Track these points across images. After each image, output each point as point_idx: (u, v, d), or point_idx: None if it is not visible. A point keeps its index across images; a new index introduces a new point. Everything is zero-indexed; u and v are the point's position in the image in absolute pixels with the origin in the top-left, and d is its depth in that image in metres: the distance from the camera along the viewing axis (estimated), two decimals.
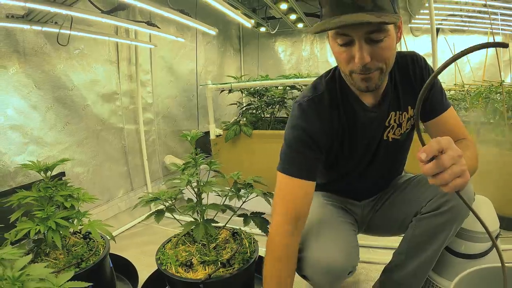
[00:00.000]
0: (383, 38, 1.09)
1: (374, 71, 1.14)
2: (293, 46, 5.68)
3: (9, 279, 0.87)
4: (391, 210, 1.55)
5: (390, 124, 1.39)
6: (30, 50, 2.41)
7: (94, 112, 2.98)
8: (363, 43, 1.08)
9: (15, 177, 2.32)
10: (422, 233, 1.37)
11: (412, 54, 1.37)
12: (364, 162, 1.47)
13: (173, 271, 1.46)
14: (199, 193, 1.50)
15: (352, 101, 1.34)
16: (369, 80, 1.16)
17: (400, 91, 1.36)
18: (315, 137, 1.28)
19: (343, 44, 1.12)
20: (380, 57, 1.12)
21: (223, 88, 3.56)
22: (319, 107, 1.30)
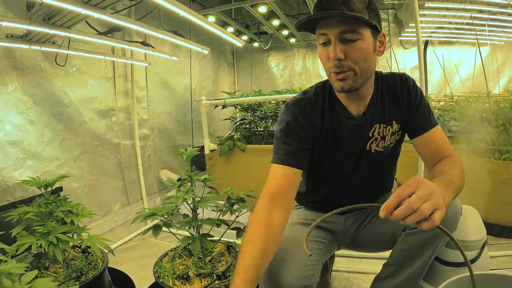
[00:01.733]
0: (356, 39, 1.20)
1: (347, 71, 1.24)
2: (285, 60, 5.77)
3: None
4: (380, 226, 1.57)
5: (374, 136, 1.45)
6: (28, 67, 2.47)
7: (91, 128, 3.03)
8: (337, 41, 1.20)
9: (13, 192, 2.36)
10: (411, 247, 1.41)
11: (401, 74, 1.45)
12: (346, 170, 1.52)
13: (171, 283, 1.50)
14: (195, 208, 1.55)
15: (338, 108, 1.42)
16: (343, 80, 1.25)
17: (386, 104, 1.43)
18: (297, 129, 1.38)
19: (323, 44, 1.25)
20: (352, 57, 1.22)
21: (217, 104, 3.61)
22: (304, 107, 1.41)
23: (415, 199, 0.89)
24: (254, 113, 3.85)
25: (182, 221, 1.53)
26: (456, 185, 1.15)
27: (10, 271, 0.96)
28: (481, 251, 1.54)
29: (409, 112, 1.43)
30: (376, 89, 1.43)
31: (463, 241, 1.51)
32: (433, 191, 0.92)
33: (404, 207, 0.89)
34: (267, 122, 3.81)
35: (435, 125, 1.42)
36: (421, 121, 1.42)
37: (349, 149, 1.47)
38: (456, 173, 1.22)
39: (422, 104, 1.42)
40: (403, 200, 0.91)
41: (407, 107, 1.42)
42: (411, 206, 0.89)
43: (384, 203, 0.92)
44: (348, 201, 1.62)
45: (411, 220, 0.90)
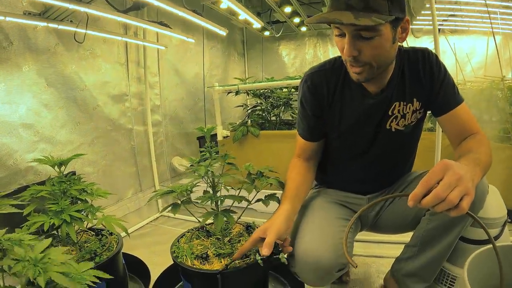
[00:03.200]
0: (373, 36, 1.15)
1: (363, 66, 1.23)
2: (296, 49, 5.70)
3: (31, 260, 0.87)
4: (402, 208, 1.54)
5: (394, 114, 1.42)
6: (42, 49, 2.43)
7: (105, 113, 3.00)
8: (351, 38, 1.17)
9: (25, 175, 2.32)
10: (436, 226, 1.37)
11: (424, 50, 1.39)
12: (360, 147, 1.52)
13: (189, 263, 1.45)
14: (214, 184, 1.50)
15: (354, 86, 1.41)
16: (359, 73, 1.25)
17: (407, 82, 1.39)
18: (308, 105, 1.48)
19: (339, 35, 1.22)
20: (367, 54, 1.20)
21: (229, 90, 3.57)
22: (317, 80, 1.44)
23: (443, 188, 0.87)
24: (266, 100, 3.80)
25: (203, 196, 1.48)
26: (484, 163, 1.13)
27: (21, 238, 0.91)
28: (502, 229, 1.52)
29: (433, 90, 1.38)
30: (397, 66, 1.38)
31: (485, 218, 1.47)
32: (461, 175, 0.89)
33: (432, 197, 0.87)
34: (279, 109, 3.76)
35: (461, 102, 1.38)
36: (445, 99, 1.38)
37: (363, 126, 1.45)
38: (483, 151, 1.19)
39: (446, 80, 1.37)
40: (432, 188, 0.89)
41: (430, 84, 1.38)
42: (439, 196, 0.87)
43: (412, 193, 0.91)
44: (367, 180, 1.61)
45: (440, 208, 0.88)
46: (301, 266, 1.33)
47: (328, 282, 1.41)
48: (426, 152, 2.34)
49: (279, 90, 3.74)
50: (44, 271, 0.85)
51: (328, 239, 1.33)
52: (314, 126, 1.52)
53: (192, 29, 4.03)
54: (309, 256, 1.31)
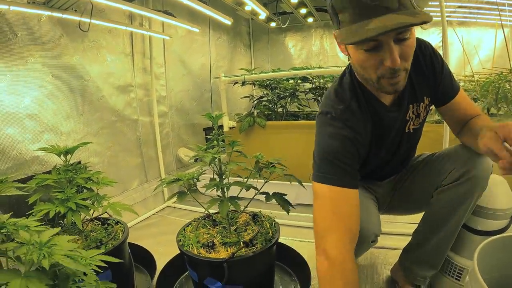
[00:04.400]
0: (408, 36, 1.07)
1: (401, 72, 1.12)
2: (303, 41, 5.66)
3: (36, 244, 0.85)
4: (413, 187, 1.57)
5: (410, 117, 1.40)
6: (47, 41, 2.41)
7: (110, 103, 2.99)
8: (393, 44, 1.04)
9: (31, 166, 2.32)
10: (443, 205, 1.38)
11: (419, 42, 1.29)
12: (389, 154, 1.49)
13: (195, 252, 1.44)
14: (221, 172, 1.49)
15: (374, 103, 1.32)
16: (396, 83, 1.14)
17: (414, 82, 1.35)
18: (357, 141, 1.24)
19: (370, 49, 1.07)
20: (407, 56, 1.10)
21: (236, 80, 3.55)
22: (351, 117, 1.26)
23: None
24: (272, 91, 3.78)
25: (209, 183, 1.47)
26: None
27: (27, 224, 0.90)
28: (511, 221, 1.49)
29: (435, 82, 1.36)
30: None
31: (493, 209, 1.45)
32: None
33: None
34: (286, 100, 3.74)
35: (459, 89, 1.39)
36: (446, 89, 1.38)
37: (391, 139, 1.42)
38: None
39: (444, 71, 1.36)
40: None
41: (433, 78, 1.36)
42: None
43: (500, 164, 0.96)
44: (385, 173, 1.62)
45: None
46: None
47: (362, 253, 1.50)
48: (434, 144, 2.32)
49: (285, 81, 3.72)
50: (49, 254, 0.84)
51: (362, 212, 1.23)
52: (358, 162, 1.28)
53: (198, 20, 4.00)
54: None
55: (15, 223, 0.92)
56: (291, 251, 1.91)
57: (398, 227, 2.30)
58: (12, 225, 0.91)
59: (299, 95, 3.72)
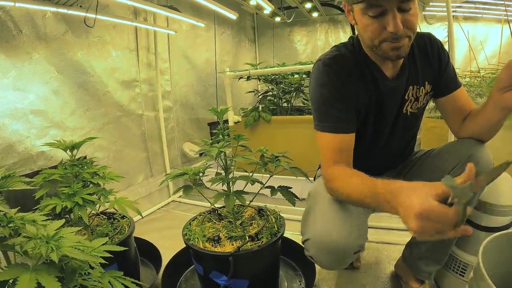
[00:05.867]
0: (411, 6, 1.13)
1: (404, 39, 1.18)
2: (308, 35, 5.62)
3: (43, 237, 0.86)
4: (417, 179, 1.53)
5: (409, 98, 1.42)
6: (52, 36, 2.42)
7: (115, 98, 2.99)
8: (395, 11, 1.11)
9: (36, 161, 2.33)
10: None
11: (428, 34, 1.43)
12: (385, 134, 1.48)
13: (201, 245, 1.45)
14: (227, 166, 1.49)
15: (374, 70, 1.36)
16: (399, 48, 1.20)
17: (418, 66, 1.40)
18: (343, 89, 1.30)
19: (375, 16, 1.15)
20: (410, 25, 1.16)
21: (240, 75, 3.54)
22: (344, 63, 1.32)
23: None
24: (278, 85, 3.78)
25: (215, 178, 1.47)
26: None
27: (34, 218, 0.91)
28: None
29: (439, 72, 1.42)
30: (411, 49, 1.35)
31: (497, 205, 1.44)
32: None
33: None
34: (291, 94, 3.73)
35: (461, 85, 1.44)
36: (449, 81, 1.43)
37: (387, 112, 1.41)
38: None
39: (449, 65, 1.43)
40: None
41: (437, 66, 1.41)
42: None
43: None
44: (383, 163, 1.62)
45: None
46: (316, 250, 1.28)
47: (345, 265, 1.37)
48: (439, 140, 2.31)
49: (291, 75, 3.71)
50: (57, 247, 0.85)
51: (341, 223, 1.27)
52: (351, 110, 1.33)
53: (203, 15, 4.00)
54: (323, 240, 1.25)
55: (23, 217, 0.93)
56: (296, 245, 1.91)
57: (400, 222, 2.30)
58: (20, 220, 0.91)
59: (304, 90, 3.71)
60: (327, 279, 1.87)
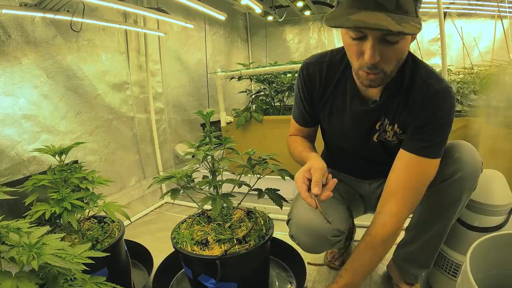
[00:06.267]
0: (398, 40, 1.06)
1: (380, 72, 1.12)
2: (300, 34, 5.63)
3: (25, 246, 0.87)
4: None
5: (379, 128, 1.36)
6: (41, 41, 2.42)
7: (106, 102, 2.99)
8: (376, 42, 1.05)
9: (28, 166, 2.33)
10: (431, 206, 1.35)
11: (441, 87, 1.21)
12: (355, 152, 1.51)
13: (189, 249, 1.46)
14: (214, 169, 1.49)
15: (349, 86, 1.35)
16: (373, 80, 1.15)
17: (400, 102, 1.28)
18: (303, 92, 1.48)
19: (357, 38, 1.09)
20: (390, 60, 1.10)
21: (232, 75, 3.54)
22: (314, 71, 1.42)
23: None
24: (270, 85, 3.78)
25: (202, 181, 1.48)
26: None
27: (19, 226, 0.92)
28: (508, 216, 1.46)
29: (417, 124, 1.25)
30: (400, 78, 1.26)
31: (490, 205, 1.44)
32: None
33: None
34: (283, 94, 3.73)
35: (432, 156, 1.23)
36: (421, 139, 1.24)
37: (352, 131, 1.42)
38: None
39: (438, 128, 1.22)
40: None
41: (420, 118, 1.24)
42: None
43: None
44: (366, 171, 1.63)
45: None
46: (296, 229, 1.41)
47: (323, 248, 1.46)
48: None
49: (283, 75, 3.71)
50: (38, 255, 0.85)
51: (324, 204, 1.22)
52: (307, 113, 1.53)
53: (194, 15, 4.01)
54: (302, 220, 1.38)
55: (7, 225, 0.93)
56: (287, 246, 1.92)
57: None
58: (4, 228, 0.92)
59: None
60: (319, 280, 1.87)
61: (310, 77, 1.42)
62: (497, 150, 2.44)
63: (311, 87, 1.44)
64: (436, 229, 1.37)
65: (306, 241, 1.39)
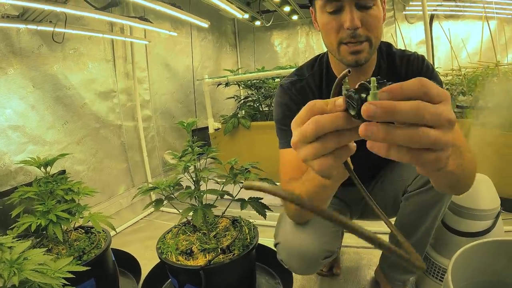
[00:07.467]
0: (372, 5, 1.08)
1: (363, 42, 1.12)
2: (289, 38, 5.65)
3: (7, 261, 0.88)
4: (382, 192, 1.54)
5: None
6: (27, 51, 2.42)
7: (92, 110, 2.99)
8: (353, 8, 1.07)
9: (16, 177, 2.33)
10: (412, 211, 1.36)
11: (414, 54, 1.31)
12: None
13: (174, 259, 1.47)
14: (197, 179, 1.50)
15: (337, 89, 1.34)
16: (357, 52, 1.14)
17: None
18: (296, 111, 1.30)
19: (332, 12, 1.11)
20: (369, 25, 1.10)
21: (219, 82, 3.56)
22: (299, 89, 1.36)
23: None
24: (258, 90, 3.80)
25: (184, 192, 1.49)
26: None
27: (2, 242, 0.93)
28: (495, 221, 1.47)
29: None
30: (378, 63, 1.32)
31: (477, 210, 1.45)
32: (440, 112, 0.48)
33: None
34: (271, 99, 3.75)
35: None
36: None
37: None
38: None
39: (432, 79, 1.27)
40: None
41: None
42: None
43: None
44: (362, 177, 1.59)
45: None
46: (286, 254, 1.33)
47: (314, 270, 1.41)
48: None
49: (271, 80, 3.73)
50: (19, 271, 0.86)
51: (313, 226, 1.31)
52: None
53: (182, 22, 4.02)
54: (293, 245, 1.30)
55: None
56: (273, 252, 1.91)
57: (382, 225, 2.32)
58: None
59: None
60: (306, 286, 1.88)
61: (300, 91, 1.36)
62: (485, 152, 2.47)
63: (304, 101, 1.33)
64: (420, 232, 1.38)
65: (298, 266, 1.35)
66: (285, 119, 1.34)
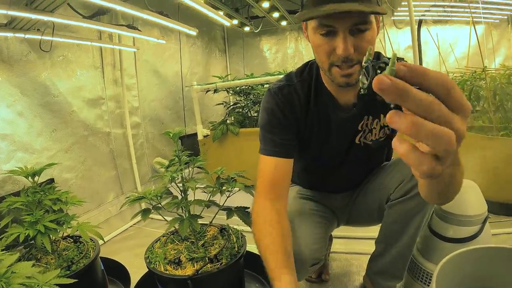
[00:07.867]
0: (367, 29, 1.09)
1: (355, 65, 1.12)
2: (278, 44, 5.69)
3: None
4: (366, 200, 1.56)
5: (363, 128, 1.38)
6: (15, 58, 2.41)
7: (81, 118, 2.98)
8: (347, 34, 1.07)
9: (3, 186, 2.32)
10: (395, 219, 1.38)
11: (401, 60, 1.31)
12: (335, 162, 1.48)
13: (162, 269, 1.47)
14: (184, 189, 1.51)
15: (326, 98, 1.34)
16: (349, 75, 1.15)
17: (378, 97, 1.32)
18: (281, 118, 1.33)
19: (325, 34, 1.11)
20: (362, 49, 1.10)
21: (208, 88, 3.57)
22: (287, 95, 1.34)
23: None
24: (247, 97, 3.81)
25: (170, 202, 1.50)
26: None
27: None
28: (482, 226, 1.48)
29: None
30: None
31: (464, 215, 1.45)
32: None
33: None
34: (260, 105, 3.75)
35: None
36: None
37: (337, 141, 1.41)
38: None
39: None
40: None
41: None
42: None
43: None
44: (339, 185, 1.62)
45: None
46: None
47: (302, 277, 1.41)
48: None
49: (260, 86, 3.75)
50: (7, 285, 0.87)
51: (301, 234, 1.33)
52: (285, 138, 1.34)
53: (170, 29, 4.01)
54: None
55: None
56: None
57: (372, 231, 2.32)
58: None
59: None
60: None
61: (286, 97, 1.34)
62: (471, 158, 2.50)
63: (291, 107, 1.34)
64: (405, 239, 1.39)
65: None
66: (269, 125, 1.35)
